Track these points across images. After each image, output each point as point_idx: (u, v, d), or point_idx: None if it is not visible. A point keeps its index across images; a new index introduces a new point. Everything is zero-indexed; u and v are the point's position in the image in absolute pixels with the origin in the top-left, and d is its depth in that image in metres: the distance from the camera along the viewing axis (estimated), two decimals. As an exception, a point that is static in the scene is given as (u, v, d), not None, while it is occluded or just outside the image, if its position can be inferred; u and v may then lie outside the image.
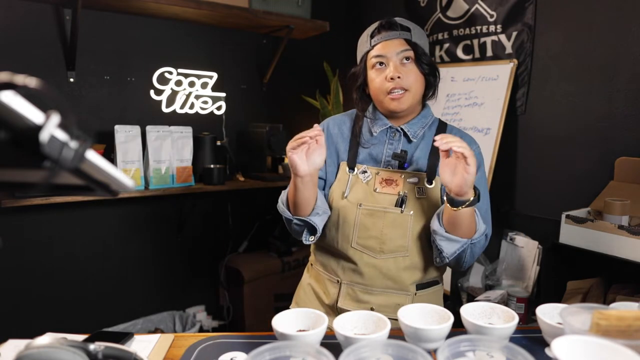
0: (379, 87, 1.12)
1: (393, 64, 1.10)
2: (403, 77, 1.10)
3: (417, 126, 1.18)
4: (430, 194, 1.12)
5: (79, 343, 0.64)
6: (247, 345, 0.94)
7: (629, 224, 1.44)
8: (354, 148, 1.18)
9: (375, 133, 1.17)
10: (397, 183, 1.13)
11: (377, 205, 1.12)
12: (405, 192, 1.11)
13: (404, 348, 0.69)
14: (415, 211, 1.11)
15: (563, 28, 1.86)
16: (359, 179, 1.15)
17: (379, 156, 1.17)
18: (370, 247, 1.12)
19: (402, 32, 1.12)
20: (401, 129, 1.17)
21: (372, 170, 1.15)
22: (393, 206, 1.11)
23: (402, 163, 1.15)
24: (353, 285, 1.16)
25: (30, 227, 2.04)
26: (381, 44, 1.12)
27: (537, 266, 1.83)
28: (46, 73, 2.01)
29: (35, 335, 0.66)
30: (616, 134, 1.71)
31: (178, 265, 2.47)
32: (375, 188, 1.13)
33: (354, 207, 1.13)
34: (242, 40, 2.58)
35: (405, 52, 1.11)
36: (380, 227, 1.11)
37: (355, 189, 1.14)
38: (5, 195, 1.76)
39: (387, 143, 1.17)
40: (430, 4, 2.38)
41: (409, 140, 1.16)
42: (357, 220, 1.13)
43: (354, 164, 1.16)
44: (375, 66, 1.12)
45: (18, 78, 0.40)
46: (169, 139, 2.16)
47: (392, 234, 1.11)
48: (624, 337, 0.70)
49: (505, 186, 2.07)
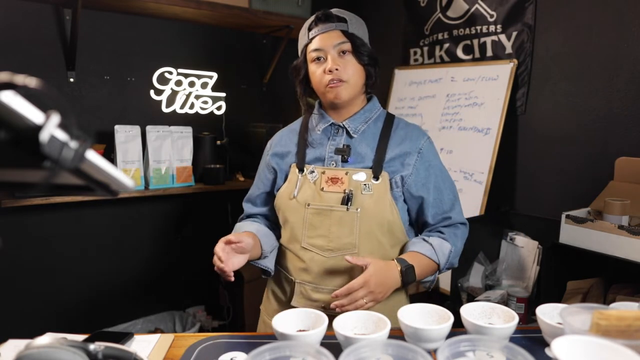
0: (319, 80, 1.14)
1: (331, 57, 1.12)
2: (341, 69, 1.12)
3: (359, 121, 1.19)
4: (377, 189, 1.12)
5: (79, 343, 0.64)
6: (247, 345, 0.94)
7: (629, 224, 1.44)
8: (302, 149, 1.20)
9: (318, 131, 1.19)
10: (342, 181, 1.13)
11: (323, 204, 1.13)
12: (351, 190, 1.11)
13: (404, 348, 0.69)
14: (363, 208, 1.11)
15: (563, 28, 1.86)
16: (307, 179, 1.16)
17: (322, 154, 1.18)
18: (318, 245, 1.14)
19: (338, 24, 1.13)
20: (343, 125, 1.18)
21: (318, 169, 1.16)
22: (339, 204, 1.12)
23: (345, 158, 1.16)
24: (304, 284, 1.16)
25: (30, 227, 2.04)
26: (318, 37, 1.13)
27: (537, 266, 1.83)
28: (46, 73, 2.01)
29: (35, 335, 0.66)
30: (616, 134, 1.71)
31: (178, 265, 2.47)
32: (322, 187, 1.14)
33: (302, 207, 1.15)
34: (242, 40, 2.58)
35: (342, 45, 1.13)
36: (328, 225, 1.12)
37: (303, 189, 1.16)
38: (5, 195, 1.76)
39: (330, 140, 1.19)
40: (430, 4, 2.38)
41: (350, 135, 1.18)
42: (306, 220, 1.14)
43: (303, 165, 1.18)
44: (315, 60, 1.14)
45: (18, 78, 0.40)
46: (169, 139, 2.16)
47: (339, 232, 1.12)
48: (624, 337, 0.70)
49: (505, 186, 2.07)
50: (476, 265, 1.94)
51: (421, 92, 2.37)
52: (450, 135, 2.19)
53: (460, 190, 2.10)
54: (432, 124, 2.28)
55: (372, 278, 1.01)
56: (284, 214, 1.19)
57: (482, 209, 1.99)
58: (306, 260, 1.15)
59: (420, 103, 2.37)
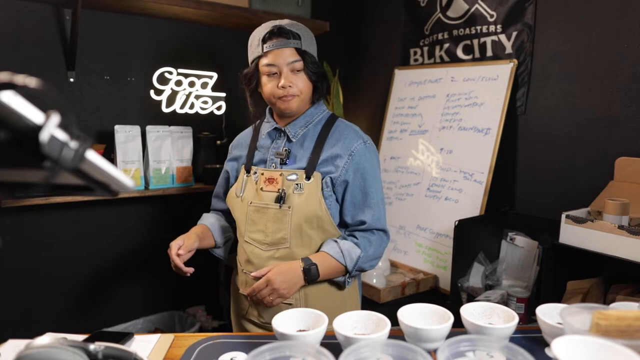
0: (270, 92, 1.22)
1: (284, 74, 1.19)
2: (293, 85, 1.20)
3: (298, 126, 1.28)
4: (308, 188, 1.22)
5: (79, 343, 0.64)
6: (247, 345, 0.94)
7: (629, 224, 1.44)
8: (251, 152, 1.34)
9: (262, 135, 1.32)
10: (277, 181, 1.24)
11: (261, 202, 1.25)
12: (284, 189, 1.22)
13: (404, 348, 0.69)
14: (294, 206, 1.21)
15: (563, 28, 1.86)
16: (251, 179, 1.30)
17: (265, 156, 1.30)
18: (257, 239, 1.27)
19: (293, 41, 1.19)
20: (284, 130, 1.28)
21: (260, 170, 1.28)
22: (274, 202, 1.23)
23: (284, 161, 1.26)
24: (248, 274, 1.30)
25: (30, 227, 2.04)
26: (273, 53, 1.19)
27: (537, 266, 1.83)
28: (46, 73, 2.00)
29: (35, 335, 0.66)
30: (616, 134, 1.71)
31: (178, 265, 2.47)
32: (261, 187, 1.26)
33: (246, 204, 1.28)
34: (242, 40, 2.56)
35: (295, 63, 1.20)
36: (265, 221, 1.24)
37: (247, 188, 1.30)
38: (5, 195, 1.76)
39: (273, 143, 1.30)
40: (430, 4, 2.38)
41: (289, 139, 1.27)
42: (248, 216, 1.28)
43: (249, 167, 1.32)
44: (267, 74, 1.21)
45: (18, 78, 0.40)
46: (169, 139, 2.16)
47: (273, 227, 1.23)
48: (624, 337, 0.70)
49: (505, 186, 2.07)
50: (476, 265, 1.94)
51: (421, 92, 2.37)
52: (450, 135, 2.19)
53: (460, 190, 2.11)
54: (432, 124, 2.28)
55: (274, 277, 1.16)
56: (232, 210, 1.35)
57: (482, 209, 1.99)
58: (248, 252, 1.28)
59: (420, 103, 2.37)
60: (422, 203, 2.26)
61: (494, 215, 2.01)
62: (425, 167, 2.28)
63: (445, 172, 2.18)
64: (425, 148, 2.29)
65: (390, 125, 2.50)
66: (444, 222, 2.12)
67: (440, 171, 2.20)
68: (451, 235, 1.87)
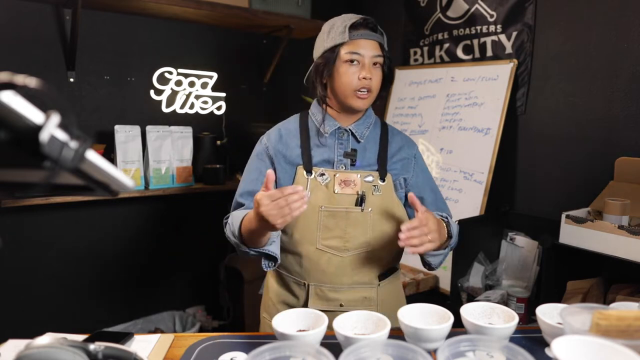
0: (348, 82, 1.14)
1: (367, 66, 1.14)
2: (373, 78, 1.15)
3: (363, 127, 1.23)
4: (384, 189, 1.18)
5: (79, 343, 0.64)
6: (247, 345, 0.94)
7: (629, 224, 1.44)
8: (307, 152, 1.20)
9: (326, 134, 1.20)
10: (355, 183, 1.17)
11: (338, 207, 1.15)
12: (363, 191, 1.16)
13: (404, 348, 0.69)
14: (374, 208, 1.16)
15: (563, 28, 1.86)
16: (317, 181, 1.17)
17: (331, 157, 1.20)
18: (334, 246, 1.16)
19: (379, 36, 1.17)
20: (349, 130, 1.21)
21: (329, 172, 1.18)
22: (353, 206, 1.16)
23: (354, 161, 1.19)
24: (320, 285, 1.18)
25: (30, 227, 2.04)
26: (361, 41, 1.14)
27: (537, 266, 1.83)
28: (46, 73, 2.00)
29: (35, 335, 0.66)
30: (616, 134, 1.71)
31: (178, 265, 2.47)
32: (335, 190, 1.16)
33: (316, 209, 1.15)
34: (242, 40, 2.58)
35: (378, 58, 1.16)
36: (343, 226, 1.15)
37: (315, 191, 1.16)
38: (5, 195, 1.76)
39: (337, 143, 1.21)
40: (430, 4, 2.38)
41: (357, 140, 1.22)
42: (320, 222, 1.16)
43: (310, 167, 1.19)
44: (349, 61, 1.14)
45: (18, 78, 0.40)
46: (169, 139, 2.16)
47: (354, 232, 1.16)
48: (624, 337, 0.70)
49: (505, 186, 2.07)
50: (476, 265, 1.94)
51: (421, 92, 2.37)
52: (450, 135, 2.19)
53: (460, 190, 2.10)
54: (432, 124, 2.28)
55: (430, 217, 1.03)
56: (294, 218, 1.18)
57: (482, 209, 1.99)
58: (322, 261, 1.16)
59: (420, 103, 2.37)
60: (422, 203, 2.26)
61: (494, 215, 2.01)
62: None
63: (445, 172, 2.18)
64: (425, 148, 2.28)
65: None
66: (444, 222, 2.12)
67: (440, 171, 2.20)
68: (451, 235, 1.87)
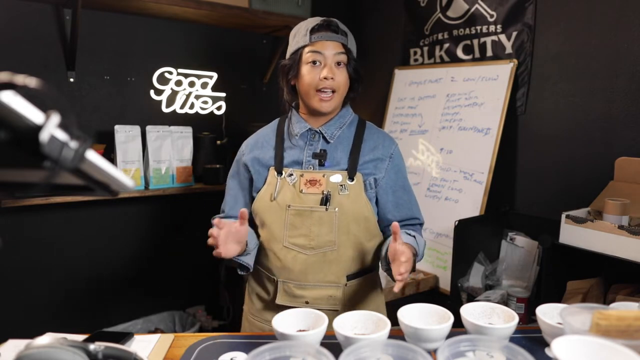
0: (310, 82, 1.18)
1: (328, 66, 1.17)
2: (335, 78, 1.17)
3: (334, 127, 1.25)
4: (352, 189, 1.20)
5: (79, 343, 0.64)
6: (247, 345, 0.94)
7: (629, 224, 1.44)
8: (280, 153, 1.25)
9: (296, 136, 1.24)
10: (320, 183, 1.20)
11: (304, 206, 1.19)
12: (329, 191, 1.18)
13: (404, 348, 0.69)
14: (340, 207, 1.18)
15: (563, 28, 1.86)
16: (286, 181, 1.21)
17: (300, 158, 1.24)
18: (300, 244, 1.19)
19: (341, 36, 1.20)
20: (319, 130, 1.24)
21: (297, 172, 1.21)
22: (318, 205, 1.18)
23: (322, 162, 1.22)
24: (288, 282, 1.22)
25: (30, 227, 2.04)
26: (320, 43, 1.18)
27: (537, 266, 1.83)
28: (46, 73, 2.00)
29: (35, 335, 0.66)
30: (616, 134, 1.71)
31: (178, 265, 2.47)
32: (301, 189, 1.19)
33: (283, 208, 1.19)
34: (242, 40, 2.58)
35: (340, 56, 1.19)
36: (309, 225, 1.18)
37: (283, 191, 1.21)
38: (5, 195, 1.76)
39: (307, 145, 1.24)
40: (430, 4, 2.38)
41: (327, 141, 1.24)
42: (287, 221, 1.19)
43: (281, 168, 1.23)
44: (310, 63, 1.18)
45: (18, 78, 0.40)
46: (169, 139, 2.16)
47: (319, 230, 1.18)
48: (624, 337, 0.70)
49: (505, 186, 2.07)
50: (476, 265, 1.94)
51: (421, 92, 2.37)
52: (450, 135, 2.19)
53: (460, 190, 2.11)
54: (432, 124, 2.28)
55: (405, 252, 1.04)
56: (262, 215, 1.23)
57: (482, 209, 1.99)
58: (288, 259, 1.20)
59: (420, 103, 2.37)
60: (422, 203, 2.23)
61: (494, 215, 2.01)
62: (425, 167, 2.28)
63: (445, 172, 2.18)
64: (425, 148, 2.29)
65: (390, 125, 2.49)
66: (444, 222, 2.12)
67: (440, 171, 2.20)
68: (451, 235, 1.88)
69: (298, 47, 1.21)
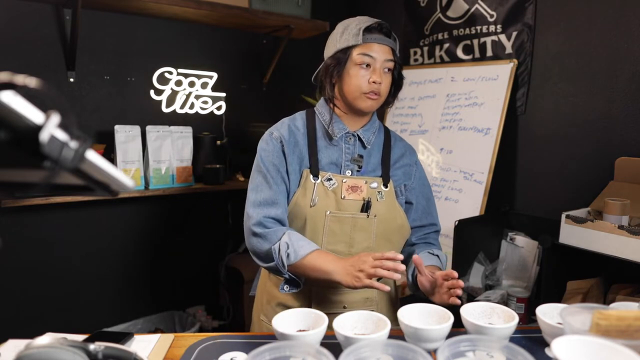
0: (358, 85, 1.14)
1: (378, 70, 1.15)
2: (383, 84, 1.15)
3: (370, 132, 1.24)
4: (387, 196, 1.20)
5: (79, 343, 0.64)
6: (247, 345, 0.94)
7: (629, 224, 1.44)
8: (314, 155, 1.19)
9: (335, 137, 1.20)
10: (361, 189, 1.18)
11: (345, 212, 1.16)
12: (369, 197, 1.17)
13: (404, 348, 0.69)
14: (378, 214, 1.18)
15: (563, 28, 1.86)
16: (324, 186, 1.16)
17: (339, 160, 1.20)
18: (339, 251, 1.16)
19: (392, 41, 1.18)
20: (357, 134, 1.22)
21: (337, 177, 1.18)
22: (359, 212, 1.16)
23: (360, 167, 1.21)
24: (324, 288, 1.18)
25: (30, 227, 2.04)
26: (373, 46, 1.15)
27: (537, 266, 1.83)
28: (46, 73, 2.00)
29: (35, 335, 0.66)
30: (616, 134, 1.71)
31: (178, 265, 2.47)
32: (343, 195, 1.16)
33: (322, 214, 1.15)
34: (242, 40, 2.57)
35: (390, 63, 1.17)
36: (348, 232, 1.16)
37: (321, 196, 1.16)
38: (5, 195, 1.76)
39: (344, 147, 1.21)
40: (430, 4, 2.38)
41: (364, 145, 1.22)
42: (326, 227, 1.16)
43: (317, 171, 1.18)
44: (360, 64, 1.14)
45: (18, 78, 0.40)
46: (169, 139, 2.16)
47: (359, 237, 1.17)
48: (624, 337, 0.70)
49: (505, 186, 2.07)
50: (476, 265, 1.94)
51: (421, 92, 2.37)
52: (450, 135, 2.19)
53: (460, 190, 2.10)
54: (432, 124, 2.28)
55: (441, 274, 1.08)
56: (298, 221, 1.17)
57: (482, 209, 1.99)
58: None
59: (420, 103, 2.37)
60: (422, 203, 2.26)
61: (494, 215, 2.01)
62: (425, 167, 2.27)
63: (445, 172, 2.18)
64: (425, 148, 2.29)
65: (390, 125, 2.49)
66: (444, 222, 2.10)
67: (440, 171, 2.20)
68: (451, 235, 1.87)
69: (348, 46, 1.15)
